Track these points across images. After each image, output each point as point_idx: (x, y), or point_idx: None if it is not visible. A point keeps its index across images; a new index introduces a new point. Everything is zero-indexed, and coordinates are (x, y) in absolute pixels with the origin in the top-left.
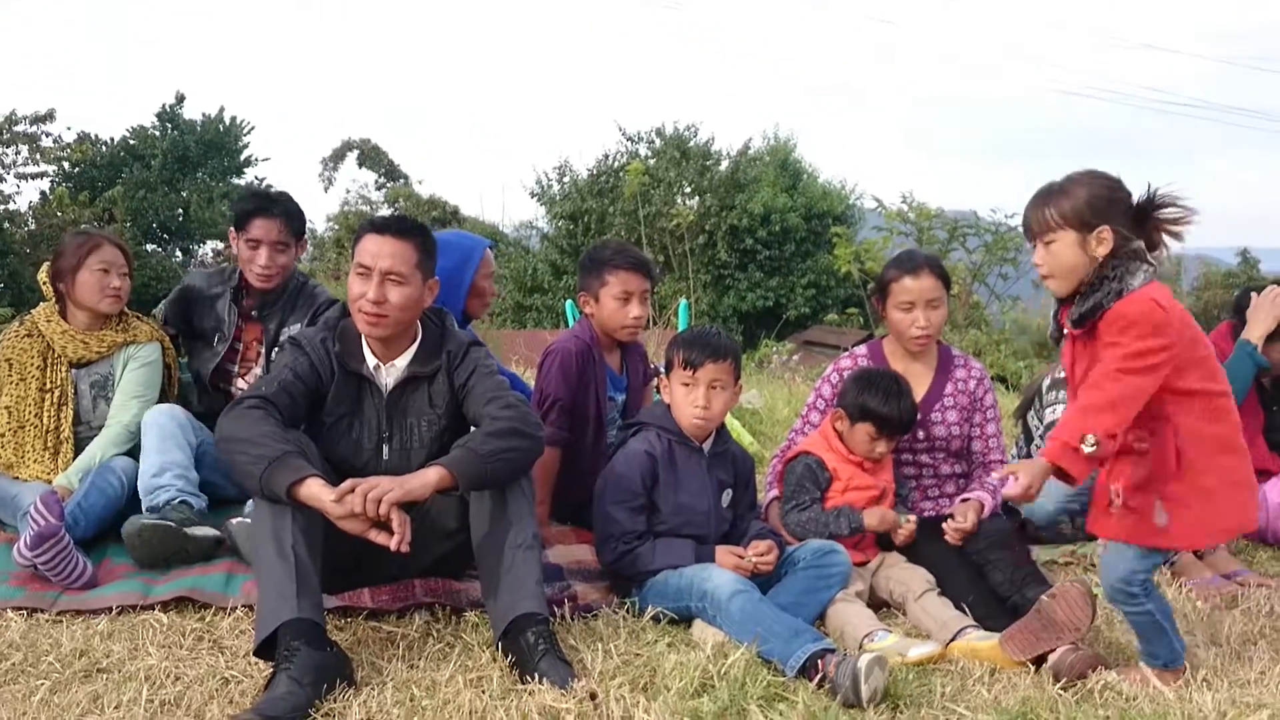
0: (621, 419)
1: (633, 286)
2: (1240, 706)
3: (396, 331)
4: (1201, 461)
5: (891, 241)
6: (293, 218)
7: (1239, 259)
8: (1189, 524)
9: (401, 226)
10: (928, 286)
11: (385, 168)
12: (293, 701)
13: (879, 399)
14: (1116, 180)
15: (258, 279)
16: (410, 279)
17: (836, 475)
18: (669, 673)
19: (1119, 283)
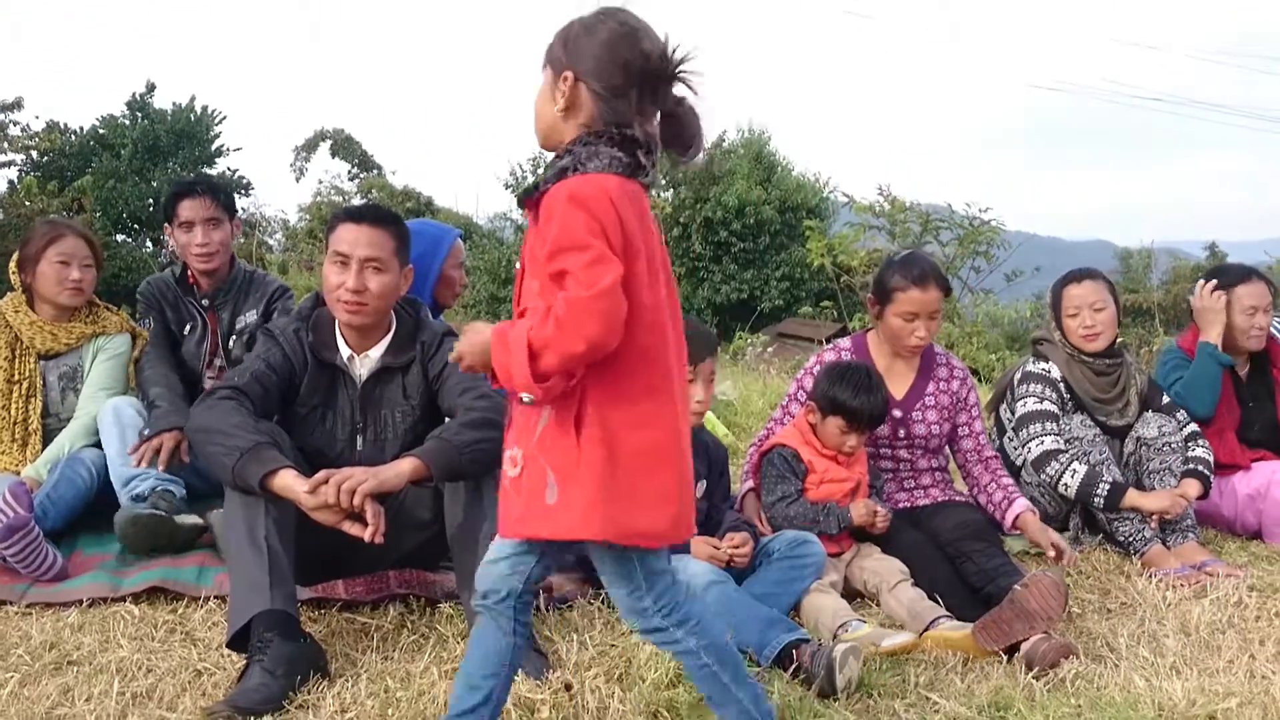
0: None
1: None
2: (1209, 695)
3: (375, 320)
4: (621, 432)
5: (864, 235)
6: (218, 192)
7: (1207, 253)
8: (580, 509)
9: (377, 215)
10: (933, 299)
11: (358, 158)
12: (266, 693)
13: (849, 392)
14: (637, 27)
15: (198, 259)
16: (389, 266)
17: (811, 468)
18: (644, 663)
19: (573, 159)
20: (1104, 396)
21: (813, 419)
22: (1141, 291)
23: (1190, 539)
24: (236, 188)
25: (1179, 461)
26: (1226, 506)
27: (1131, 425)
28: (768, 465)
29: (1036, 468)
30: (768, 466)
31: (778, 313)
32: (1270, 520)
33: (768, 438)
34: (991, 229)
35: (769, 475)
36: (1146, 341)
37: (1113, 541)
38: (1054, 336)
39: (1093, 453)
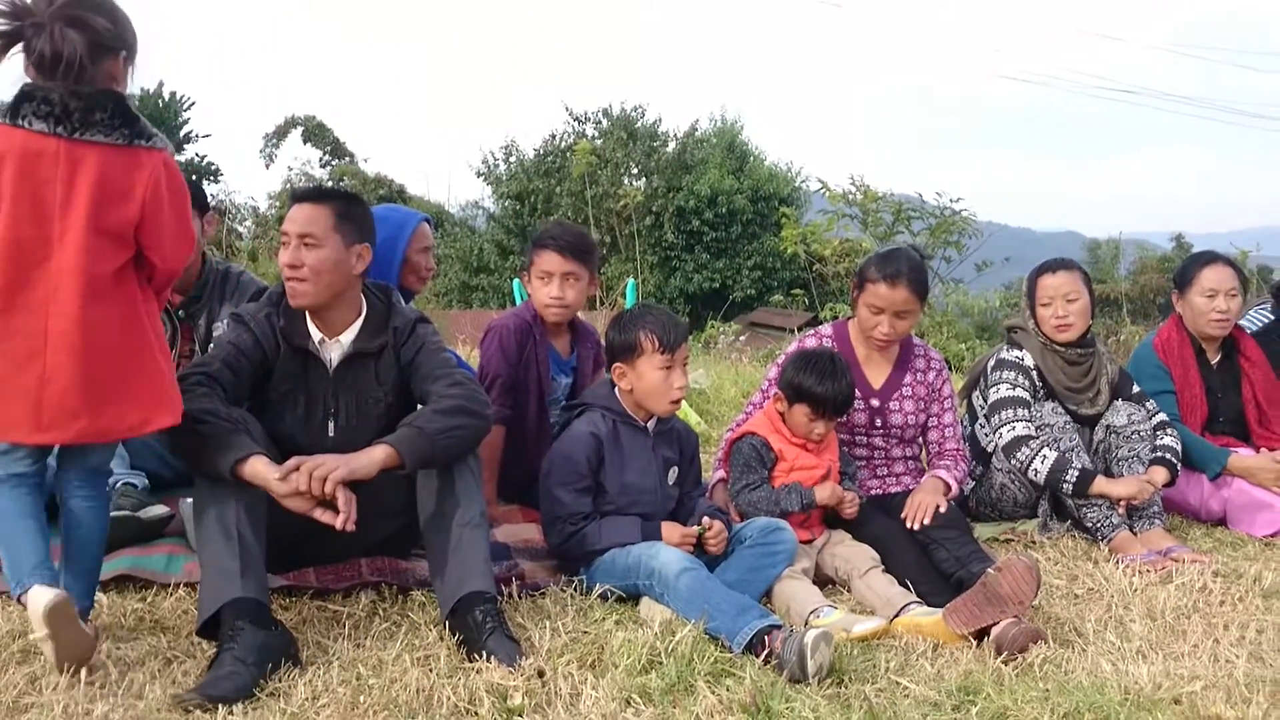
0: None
1: (551, 266)
2: (1174, 678)
3: (320, 299)
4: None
5: (836, 224)
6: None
7: (1174, 244)
8: None
9: (319, 192)
10: (900, 299)
11: (330, 145)
12: (236, 681)
13: (814, 379)
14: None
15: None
16: (325, 241)
17: (782, 456)
18: (617, 650)
19: None
20: (1075, 385)
21: (780, 407)
22: (1110, 282)
23: (1157, 525)
24: (205, 174)
25: (1147, 449)
26: (1193, 494)
27: (1101, 414)
28: (736, 453)
29: (1007, 453)
30: (735, 455)
31: (750, 301)
32: (1235, 507)
33: (739, 426)
34: (962, 219)
35: (736, 463)
36: (1114, 331)
37: (1081, 527)
38: (1028, 325)
39: (1063, 440)
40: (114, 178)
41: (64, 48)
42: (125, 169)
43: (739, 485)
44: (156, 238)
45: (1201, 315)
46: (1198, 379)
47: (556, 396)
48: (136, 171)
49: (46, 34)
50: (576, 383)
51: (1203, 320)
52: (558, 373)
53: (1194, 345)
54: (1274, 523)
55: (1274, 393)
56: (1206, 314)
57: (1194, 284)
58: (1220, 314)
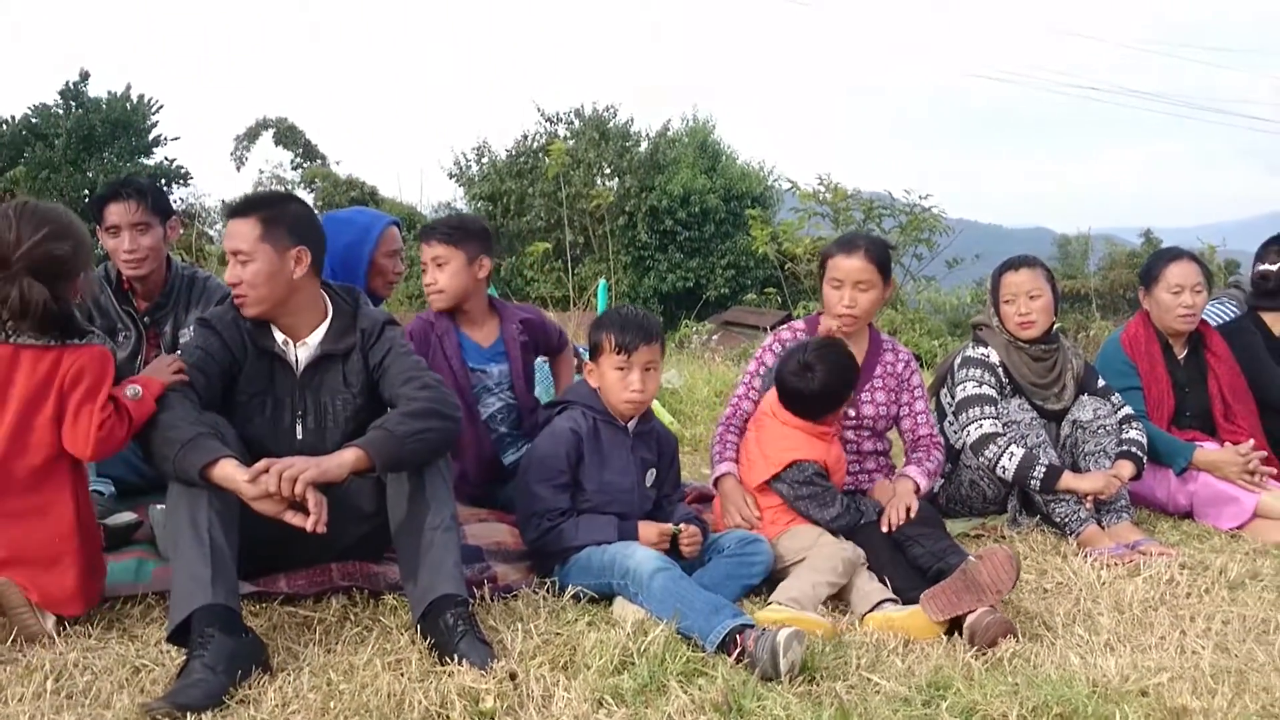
0: (512, 390)
1: (425, 256)
2: (1142, 670)
3: (266, 309)
4: None
5: (807, 222)
6: (146, 195)
7: (1143, 239)
8: None
9: (244, 204)
10: (857, 268)
11: (302, 147)
12: (206, 689)
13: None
14: None
15: (127, 265)
16: (255, 254)
17: (828, 467)
18: (589, 651)
19: None
20: (1041, 381)
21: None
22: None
23: (1124, 519)
24: (175, 178)
25: (1113, 444)
26: (1159, 487)
27: (1068, 409)
28: (804, 485)
29: (975, 451)
30: (804, 487)
31: (724, 300)
32: (1201, 500)
33: (734, 414)
34: (933, 216)
35: (806, 495)
36: (1084, 326)
37: (1049, 522)
38: (993, 322)
39: (1030, 436)
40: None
41: (32, 297)
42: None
43: (832, 514)
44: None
45: (1168, 311)
46: (1165, 374)
47: (489, 385)
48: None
49: (16, 287)
50: (512, 366)
51: (1169, 316)
52: (483, 362)
53: (1161, 341)
54: (1240, 515)
55: (1239, 387)
56: (1173, 310)
57: (1160, 280)
58: (1186, 309)
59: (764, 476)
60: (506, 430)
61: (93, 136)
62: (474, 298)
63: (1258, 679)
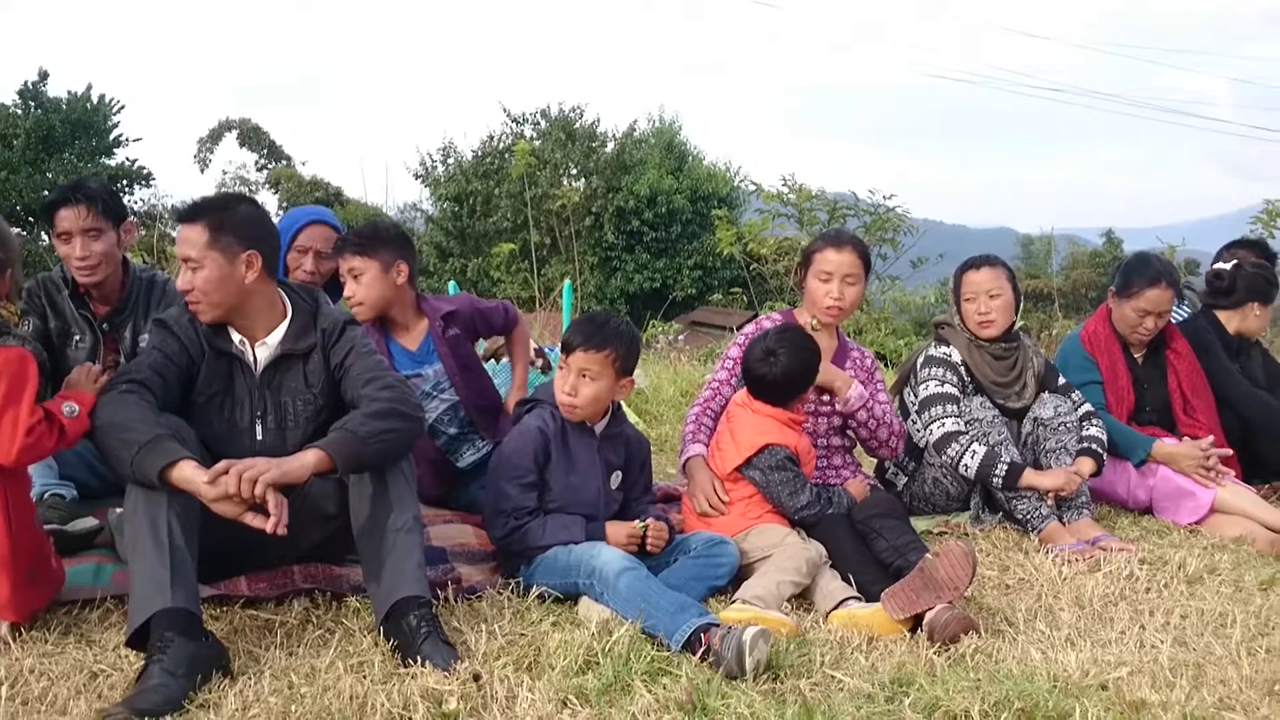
0: (454, 389)
1: (342, 268)
2: (1102, 665)
3: (220, 314)
4: None
5: (773, 223)
6: (97, 200)
7: (1104, 239)
8: None
9: (192, 209)
10: (847, 262)
11: (266, 148)
12: (165, 694)
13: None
14: None
15: (80, 273)
16: (203, 260)
17: (799, 453)
18: (553, 651)
19: None
20: (1002, 379)
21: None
22: (1042, 277)
23: (1085, 515)
24: (137, 179)
25: (1074, 440)
26: (1120, 483)
27: (1029, 406)
28: (776, 471)
29: (938, 449)
30: (777, 473)
31: (690, 301)
32: (1161, 496)
33: (714, 397)
34: (897, 216)
35: (778, 481)
36: (1047, 325)
37: (1012, 519)
38: (955, 321)
39: (992, 434)
40: None
41: None
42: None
43: (803, 500)
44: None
45: (1130, 328)
46: (1125, 370)
47: (426, 389)
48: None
49: None
50: (445, 365)
51: (1129, 331)
52: (415, 366)
53: (1121, 340)
54: (1198, 511)
55: (1199, 384)
56: (1135, 328)
57: (1134, 298)
58: (1146, 332)
59: (736, 462)
60: (457, 431)
61: (52, 137)
62: (398, 304)
63: (1215, 672)
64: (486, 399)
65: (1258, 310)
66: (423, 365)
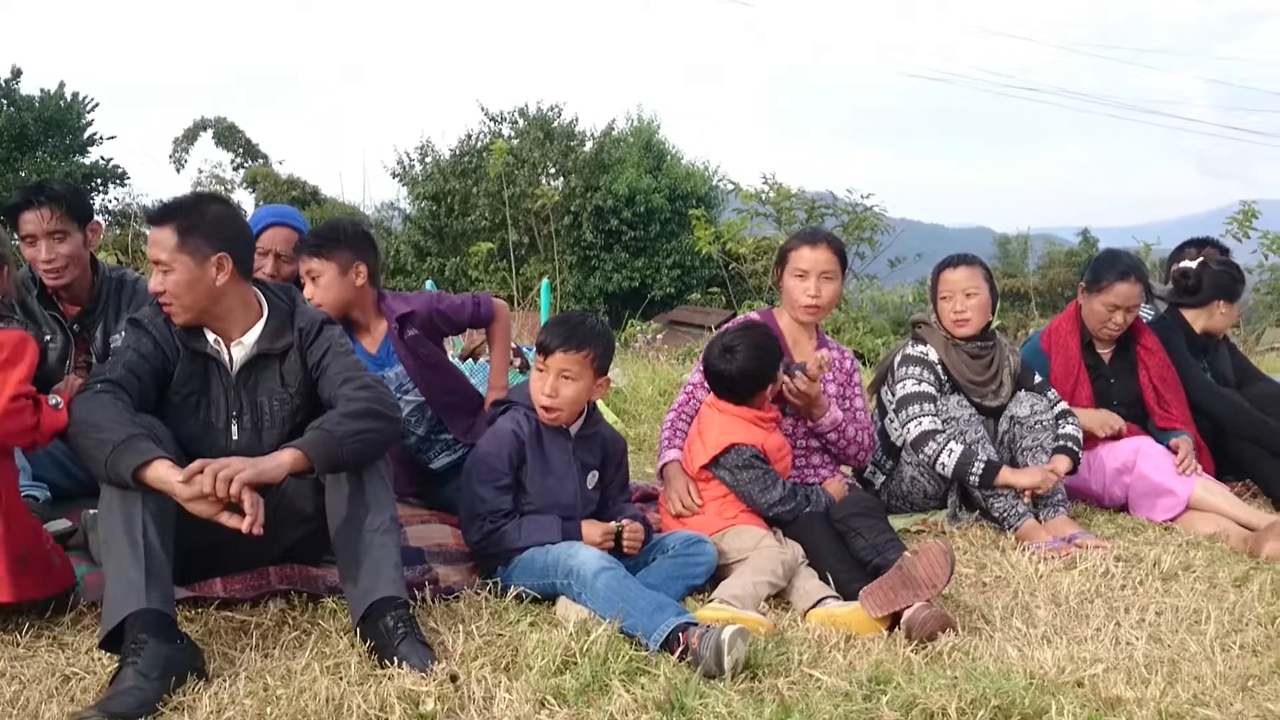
0: (418, 389)
1: (301, 270)
2: (1078, 661)
3: (193, 317)
4: None
5: (751, 222)
6: (61, 201)
7: (1080, 238)
8: None
9: (161, 212)
10: (823, 259)
11: (242, 146)
12: (139, 696)
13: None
14: None
15: (46, 275)
16: (173, 264)
17: (767, 454)
18: (531, 651)
19: None
20: (979, 378)
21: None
22: (1019, 276)
23: (1061, 513)
24: (111, 177)
25: (1050, 438)
26: (1095, 481)
27: (1005, 405)
28: (743, 470)
29: (915, 448)
30: (744, 471)
31: (669, 300)
32: (1136, 493)
33: (688, 401)
34: (874, 216)
35: (748, 479)
36: (1023, 325)
37: (988, 517)
38: (931, 320)
39: (968, 432)
40: None
41: None
42: None
43: (775, 496)
44: None
45: (1100, 323)
46: (1079, 362)
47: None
48: None
49: None
50: (406, 364)
51: (1098, 327)
52: (375, 369)
53: (1084, 335)
54: (1174, 508)
55: (1170, 378)
56: (1105, 323)
57: (1103, 292)
58: (1115, 327)
59: (702, 461)
60: (426, 431)
61: (25, 135)
62: (359, 306)
63: (1189, 668)
64: (457, 397)
65: (1223, 308)
66: (383, 367)
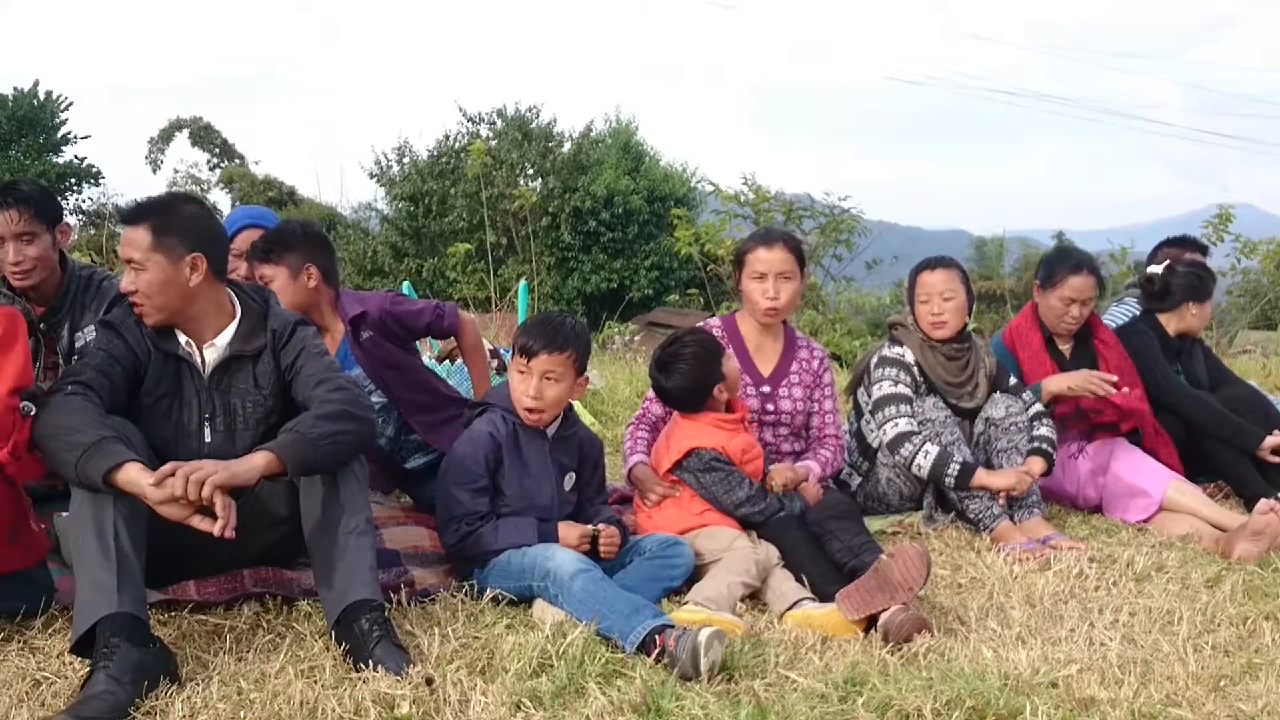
0: (380, 389)
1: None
2: (1052, 662)
3: (164, 317)
4: None
5: (730, 224)
6: (30, 203)
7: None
8: None
9: (135, 211)
10: (779, 259)
11: (219, 146)
12: (111, 701)
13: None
14: None
15: (14, 277)
16: (147, 263)
17: (730, 455)
18: (507, 654)
19: None
20: (954, 380)
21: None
22: (995, 278)
23: (1036, 514)
24: (85, 177)
25: (1025, 440)
26: (1069, 482)
27: (981, 407)
28: (706, 473)
29: (891, 449)
30: (707, 474)
31: (648, 301)
32: (1110, 495)
33: (644, 415)
34: (852, 218)
35: (711, 481)
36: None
37: (964, 518)
38: (908, 321)
39: (944, 434)
40: None
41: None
42: None
43: (741, 495)
44: None
45: (1056, 318)
46: (1047, 357)
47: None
48: None
49: None
50: (363, 365)
51: (1056, 321)
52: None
53: (1044, 333)
54: (1147, 509)
55: (1128, 370)
56: (1062, 318)
57: (1058, 287)
58: (1072, 320)
59: (666, 466)
60: (395, 432)
61: None
62: (316, 308)
63: (1162, 668)
64: (426, 397)
65: (1194, 309)
66: (343, 370)
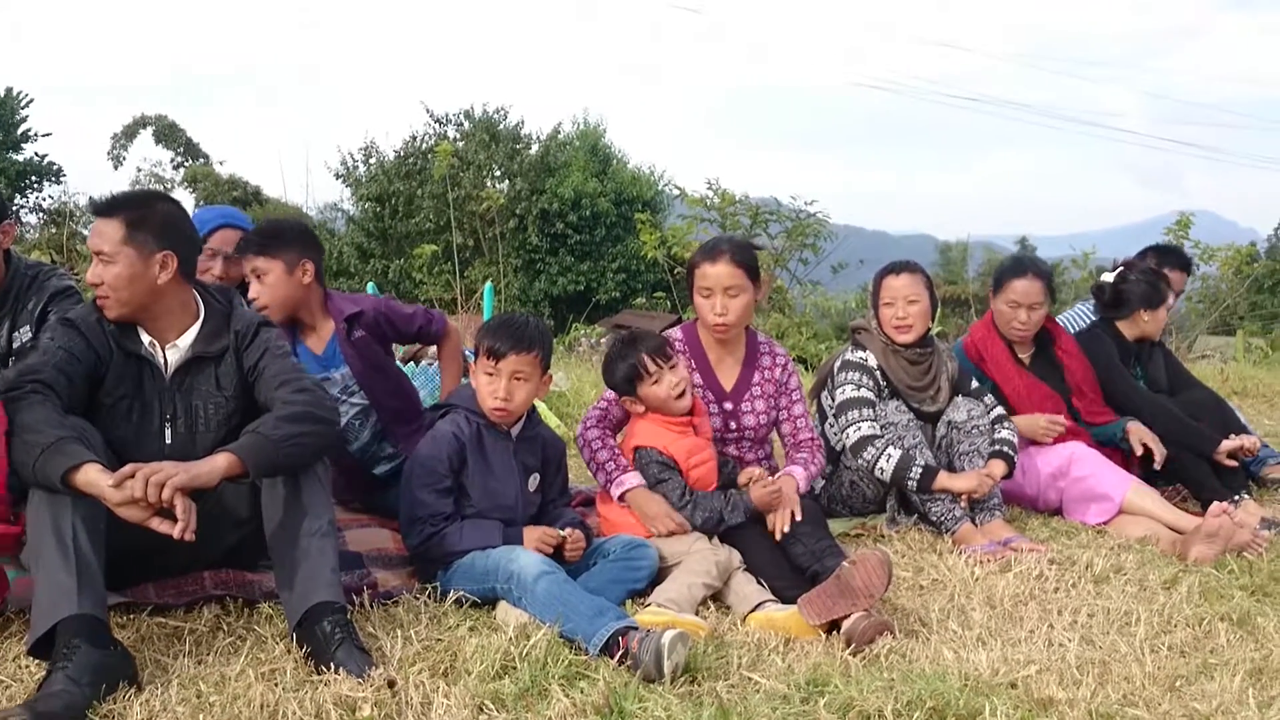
0: (363, 391)
1: (245, 269)
2: (1011, 663)
3: (128, 313)
4: None
5: (695, 228)
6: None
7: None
8: None
9: (110, 203)
10: (725, 274)
11: (183, 145)
12: (67, 700)
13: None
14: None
15: None
16: (116, 256)
17: (675, 457)
18: (470, 656)
19: None
20: (917, 384)
21: (636, 408)
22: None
23: (997, 517)
24: (46, 174)
25: (986, 443)
26: (1030, 485)
27: (943, 410)
28: (645, 471)
29: (854, 453)
30: (646, 472)
31: (615, 304)
32: (1070, 498)
33: (604, 417)
34: (818, 222)
35: (650, 479)
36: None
37: (926, 521)
38: (871, 326)
39: (906, 437)
40: None
41: None
42: None
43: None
44: None
45: (1006, 323)
46: (1015, 368)
47: (335, 393)
48: None
49: None
50: (353, 366)
51: (1006, 326)
52: (321, 369)
53: (1005, 340)
54: (1106, 512)
55: (1090, 379)
56: (1010, 321)
57: (1005, 291)
58: (1021, 324)
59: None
60: (370, 437)
61: None
62: (306, 305)
63: (1120, 669)
64: (401, 403)
65: (1146, 316)
66: (329, 368)
